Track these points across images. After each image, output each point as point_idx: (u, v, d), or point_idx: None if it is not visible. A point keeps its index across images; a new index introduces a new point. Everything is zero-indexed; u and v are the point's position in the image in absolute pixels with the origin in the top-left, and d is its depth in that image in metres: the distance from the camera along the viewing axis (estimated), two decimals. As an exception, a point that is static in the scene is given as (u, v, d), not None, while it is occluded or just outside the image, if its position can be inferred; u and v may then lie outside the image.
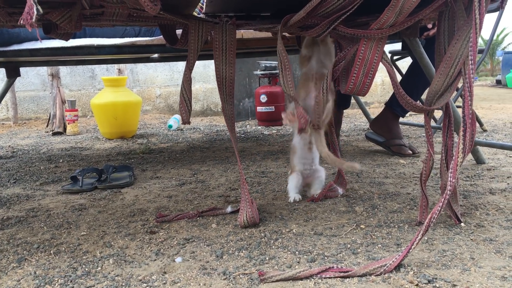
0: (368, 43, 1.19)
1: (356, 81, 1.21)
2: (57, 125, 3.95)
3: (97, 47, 2.09)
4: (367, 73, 1.20)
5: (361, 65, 1.19)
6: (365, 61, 1.19)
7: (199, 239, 1.24)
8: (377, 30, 1.16)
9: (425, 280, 0.93)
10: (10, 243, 1.28)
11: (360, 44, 1.20)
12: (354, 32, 1.20)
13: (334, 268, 0.99)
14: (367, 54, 1.18)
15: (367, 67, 1.19)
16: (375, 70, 1.20)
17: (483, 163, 2.04)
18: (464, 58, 1.11)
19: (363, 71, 1.20)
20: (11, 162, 2.64)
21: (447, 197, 1.02)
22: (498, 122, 3.61)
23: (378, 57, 1.18)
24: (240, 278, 0.99)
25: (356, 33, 1.20)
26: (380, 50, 1.19)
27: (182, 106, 1.33)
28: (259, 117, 4.14)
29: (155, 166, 2.33)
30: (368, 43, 1.19)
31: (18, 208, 1.64)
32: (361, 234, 1.23)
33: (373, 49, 1.18)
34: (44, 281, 1.01)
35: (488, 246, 1.11)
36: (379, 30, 1.16)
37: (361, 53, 1.19)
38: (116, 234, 1.31)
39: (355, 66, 1.20)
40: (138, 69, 5.27)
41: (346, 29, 1.22)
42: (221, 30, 1.29)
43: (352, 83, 1.22)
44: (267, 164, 2.26)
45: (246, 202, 1.31)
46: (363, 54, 1.19)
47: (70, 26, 1.22)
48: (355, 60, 1.20)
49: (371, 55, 1.18)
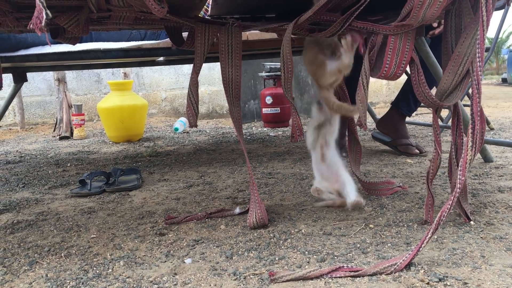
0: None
1: (389, 70, 1.19)
2: (64, 129, 3.97)
3: (104, 51, 2.10)
4: (399, 62, 1.18)
5: (393, 54, 1.17)
6: (397, 50, 1.17)
7: (208, 240, 1.24)
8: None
9: (436, 278, 0.93)
10: (21, 246, 1.28)
11: (389, 35, 1.19)
12: (375, 27, 1.19)
13: (344, 268, 0.99)
14: (397, 44, 1.17)
15: (399, 57, 1.18)
16: (408, 58, 1.18)
17: (491, 161, 2.03)
18: (472, 57, 1.11)
19: (396, 61, 1.18)
20: (19, 166, 2.66)
21: (457, 195, 1.02)
22: (505, 121, 3.60)
23: (410, 45, 1.16)
24: (251, 279, 0.99)
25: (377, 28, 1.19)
26: (411, 39, 1.17)
27: (189, 110, 1.34)
28: (264, 118, 4.15)
29: (162, 169, 2.34)
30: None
31: (27, 212, 1.65)
32: (370, 233, 1.23)
33: (404, 38, 1.17)
34: (56, 283, 1.02)
35: (499, 244, 1.10)
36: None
37: (391, 43, 1.18)
38: (126, 236, 1.31)
39: (387, 55, 1.18)
40: (143, 72, 5.29)
41: (366, 24, 1.20)
42: (227, 33, 1.29)
43: (386, 71, 1.20)
44: (273, 165, 2.26)
45: (256, 203, 1.31)
46: (394, 43, 1.17)
47: (78, 30, 1.23)
48: (386, 51, 1.19)
49: (402, 44, 1.17)
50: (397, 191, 1.60)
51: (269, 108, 4.06)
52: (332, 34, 1.30)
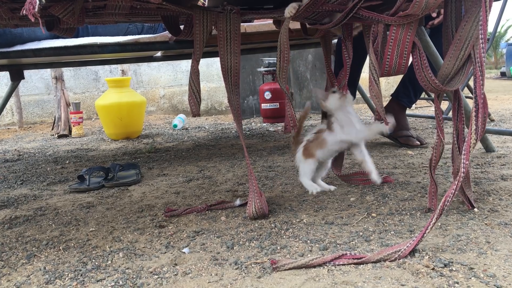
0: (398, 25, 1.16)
1: (391, 63, 1.18)
2: (62, 127, 3.95)
3: (100, 45, 2.08)
4: (401, 53, 1.17)
5: (394, 46, 1.16)
6: (398, 42, 1.16)
7: (209, 232, 1.22)
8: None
9: (441, 264, 0.91)
10: (19, 240, 1.27)
11: (391, 26, 1.17)
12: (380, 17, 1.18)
13: (347, 255, 0.97)
14: (399, 34, 1.15)
15: (401, 48, 1.16)
16: (409, 49, 1.16)
17: (493, 151, 2.01)
18: (474, 40, 1.09)
19: (397, 52, 1.16)
20: (17, 164, 2.64)
21: (460, 179, 1.00)
22: (505, 112, 3.58)
23: (411, 36, 1.15)
24: (252, 267, 0.97)
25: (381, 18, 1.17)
26: (412, 30, 1.15)
27: (191, 98, 1.31)
28: (263, 114, 4.13)
29: (162, 164, 2.32)
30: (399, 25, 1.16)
31: (26, 207, 1.63)
32: (373, 222, 1.21)
33: (405, 29, 1.15)
34: (54, 275, 1.00)
35: (503, 230, 1.09)
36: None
37: (393, 34, 1.16)
38: (125, 229, 1.30)
39: (388, 48, 1.17)
40: (141, 70, 5.27)
41: (373, 14, 1.19)
42: (226, 19, 1.27)
43: (388, 66, 1.18)
44: (274, 159, 2.24)
45: (254, 193, 1.30)
46: (395, 34, 1.16)
47: (73, 20, 1.21)
48: (388, 42, 1.17)
49: (403, 35, 1.15)
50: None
51: (268, 103, 4.04)
52: (335, 25, 1.28)
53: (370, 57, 1.23)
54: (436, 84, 1.13)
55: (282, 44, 1.28)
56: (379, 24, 1.22)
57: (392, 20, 1.16)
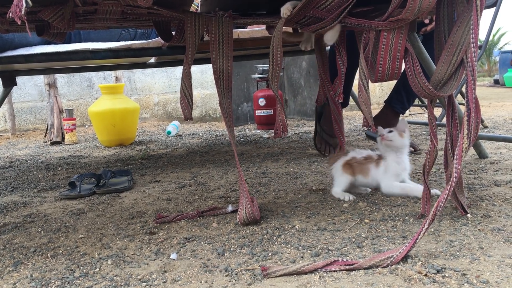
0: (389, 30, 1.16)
1: (384, 68, 1.18)
2: (55, 134, 3.92)
3: (93, 51, 2.07)
4: (393, 59, 1.16)
5: (386, 51, 1.16)
6: (390, 47, 1.15)
7: (199, 238, 1.21)
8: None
9: (433, 270, 0.90)
10: (7, 248, 1.24)
11: (382, 31, 1.17)
12: (369, 23, 1.18)
13: (339, 261, 0.96)
14: (390, 40, 1.15)
15: (393, 53, 1.16)
16: (401, 54, 1.16)
17: (486, 157, 2.01)
18: (466, 46, 1.09)
19: (389, 57, 1.16)
20: (9, 171, 2.61)
21: (453, 184, 0.99)
22: (498, 119, 3.59)
23: (402, 41, 1.15)
24: (243, 274, 0.96)
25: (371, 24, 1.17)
26: (403, 34, 1.15)
27: (183, 102, 1.30)
28: (258, 120, 4.12)
29: (154, 171, 2.30)
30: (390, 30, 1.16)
31: (15, 214, 1.61)
32: (366, 228, 1.20)
33: (396, 34, 1.15)
34: (40, 283, 0.98)
35: (497, 236, 1.08)
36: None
37: (384, 39, 1.16)
38: (115, 236, 1.28)
39: (380, 53, 1.17)
40: (135, 77, 5.25)
41: (360, 21, 1.19)
42: (218, 23, 1.26)
43: (381, 71, 1.18)
44: (267, 165, 2.23)
45: (245, 199, 1.28)
46: (386, 40, 1.15)
47: (63, 25, 1.20)
48: (379, 48, 1.17)
49: (395, 40, 1.15)
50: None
51: (262, 110, 4.03)
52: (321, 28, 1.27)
53: (361, 63, 1.23)
54: (429, 89, 1.13)
55: (275, 47, 1.28)
56: (370, 30, 1.22)
57: (383, 26, 1.16)
